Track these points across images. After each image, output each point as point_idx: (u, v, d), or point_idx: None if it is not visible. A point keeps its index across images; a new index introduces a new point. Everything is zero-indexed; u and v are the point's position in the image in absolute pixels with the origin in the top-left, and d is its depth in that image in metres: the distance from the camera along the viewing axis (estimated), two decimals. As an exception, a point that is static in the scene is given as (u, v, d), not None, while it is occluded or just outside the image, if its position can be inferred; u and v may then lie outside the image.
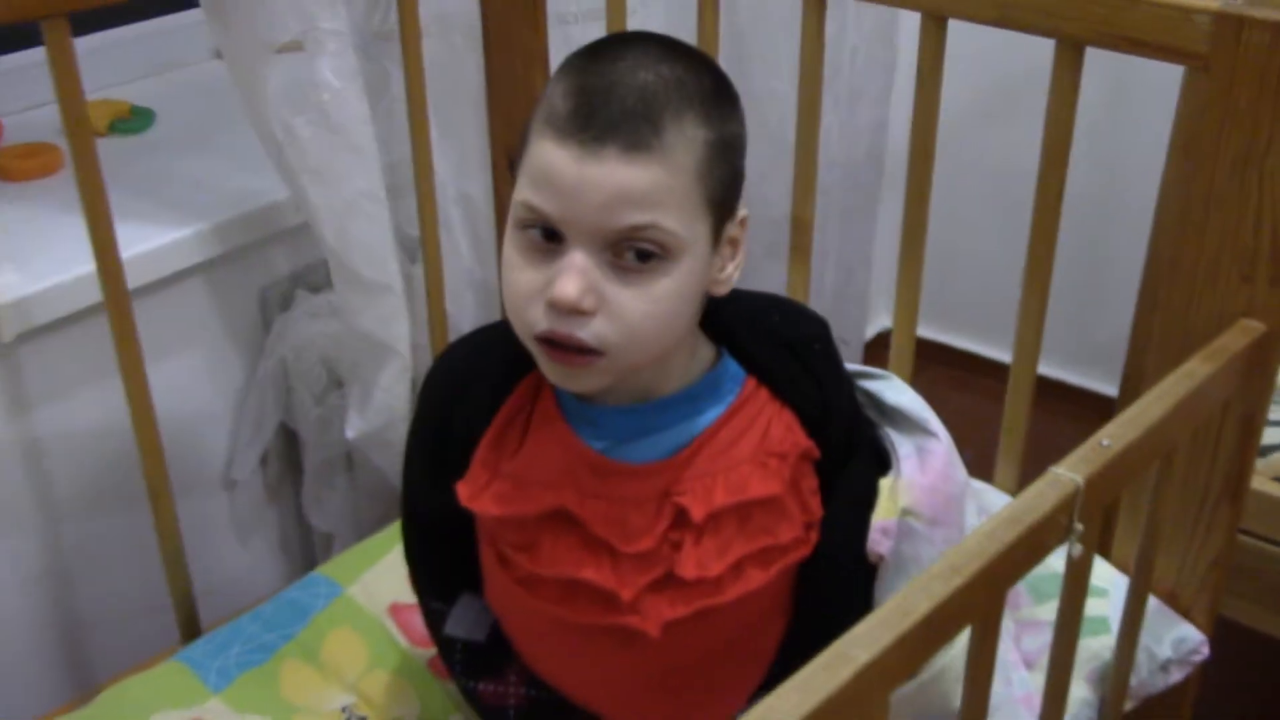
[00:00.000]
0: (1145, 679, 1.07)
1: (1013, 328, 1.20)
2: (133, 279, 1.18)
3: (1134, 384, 1.41)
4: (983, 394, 1.26)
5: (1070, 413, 1.93)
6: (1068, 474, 0.77)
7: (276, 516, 1.60)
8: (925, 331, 2.35)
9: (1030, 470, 0.87)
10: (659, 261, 0.80)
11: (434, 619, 1.03)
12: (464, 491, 0.93)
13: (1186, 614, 1.10)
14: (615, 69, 0.79)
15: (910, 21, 1.19)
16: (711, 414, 0.91)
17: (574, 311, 0.79)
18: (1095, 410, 1.77)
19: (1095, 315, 2.19)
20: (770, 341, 0.93)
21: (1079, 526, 0.78)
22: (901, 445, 0.99)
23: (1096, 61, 1.04)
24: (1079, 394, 2.22)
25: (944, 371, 2.20)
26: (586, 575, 0.90)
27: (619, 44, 0.83)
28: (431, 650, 1.20)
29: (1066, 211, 1.15)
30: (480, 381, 0.94)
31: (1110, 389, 1.97)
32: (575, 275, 0.78)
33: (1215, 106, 0.94)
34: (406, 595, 1.25)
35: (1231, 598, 1.30)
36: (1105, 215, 2.14)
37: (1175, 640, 1.09)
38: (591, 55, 0.82)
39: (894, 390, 1.03)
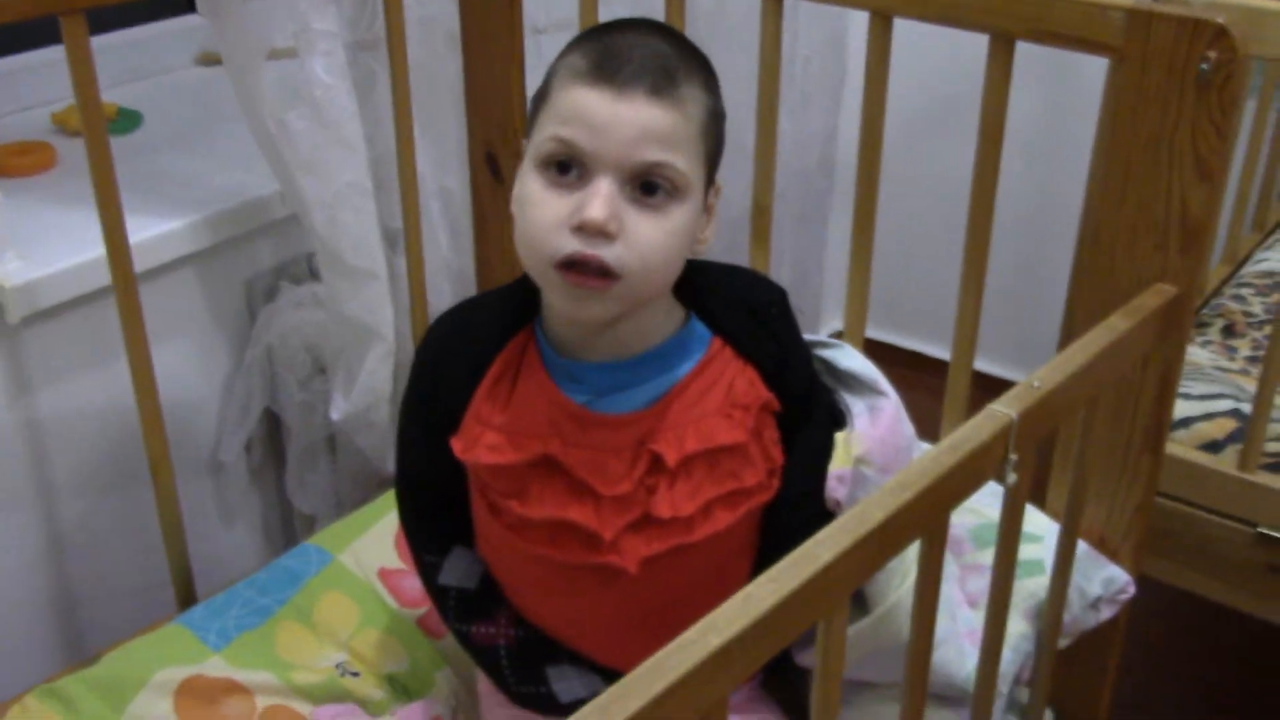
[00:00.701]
0: (1078, 615, 1.14)
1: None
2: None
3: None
4: (931, 392, 1.36)
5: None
6: (1003, 409, 0.85)
7: (260, 499, 1.63)
8: (877, 333, 2.44)
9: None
10: (668, 197, 0.89)
11: (428, 571, 1.07)
12: (458, 445, 0.99)
13: (1114, 556, 1.18)
14: (628, 38, 0.89)
15: (860, 32, 1.24)
16: (681, 370, 0.98)
17: (600, 233, 0.86)
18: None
19: (1035, 314, 2.28)
20: (734, 305, 1.00)
21: (1013, 456, 0.87)
22: (854, 405, 1.08)
23: (1037, 75, 1.12)
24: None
25: (894, 371, 2.28)
26: (571, 516, 0.97)
27: (624, 24, 0.92)
28: (420, 610, 1.24)
29: (1009, 218, 1.20)
30: (467, 348, 1.01)
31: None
32: (603, 200, 0.86)
33: (1129, 92, 1.03)
34: (394, 561, 1.31)
35: (1154, 557, 1.40)
36: (1044, 222, 2.22)
37: (1105, 579, 1.16)
38: (601, 31, 0.91)
39: (846, 356, 1.11)
